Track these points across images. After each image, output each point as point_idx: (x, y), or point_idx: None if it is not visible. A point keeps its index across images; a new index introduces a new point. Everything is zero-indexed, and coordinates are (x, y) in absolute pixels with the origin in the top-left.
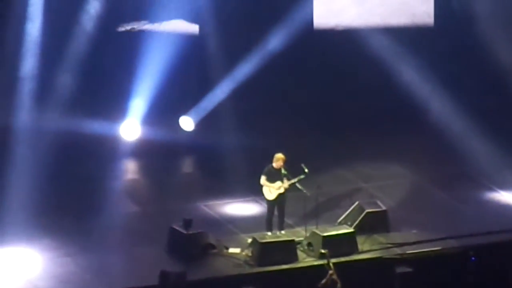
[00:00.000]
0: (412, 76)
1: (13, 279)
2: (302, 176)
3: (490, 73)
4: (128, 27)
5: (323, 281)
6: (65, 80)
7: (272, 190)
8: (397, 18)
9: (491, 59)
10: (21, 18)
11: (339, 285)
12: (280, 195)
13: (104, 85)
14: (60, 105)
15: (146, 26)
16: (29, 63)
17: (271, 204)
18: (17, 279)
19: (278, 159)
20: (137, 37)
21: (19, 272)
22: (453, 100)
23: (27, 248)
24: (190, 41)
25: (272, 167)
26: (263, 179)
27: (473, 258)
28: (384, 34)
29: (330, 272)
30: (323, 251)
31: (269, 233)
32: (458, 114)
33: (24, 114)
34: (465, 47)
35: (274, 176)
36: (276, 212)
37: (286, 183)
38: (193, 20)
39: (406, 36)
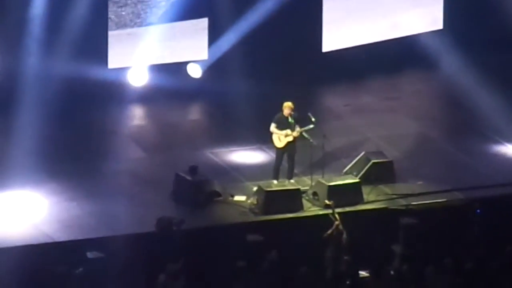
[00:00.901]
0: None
1: (19, 223)
2: (311, 126)
3: (501, 28)
4: None
5: (329, 231)
6: (73, 24)
7: (281, 137)
8: None
9: (502, 14)
10: None
11: (344, 235)
12: (289, 143)
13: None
14: (68, 50)
15: None
16: (37, 6)
17: (279, 152)
18: (22, 222)
19: (286, 107)
20: None
21: (24, 215)
22: (462, 53)
23: (33, 192)
24: None
25: (282, 115)
26: (272, 127)
27: (478, 211)
28: None
29: (336, 222)
30: (328, 202)
31: (275, 181)
32: (467, 67)
33: (32, 59)
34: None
35: (283, 124)
36: (285, 161)
37: (295, 132)
38: None
39: None
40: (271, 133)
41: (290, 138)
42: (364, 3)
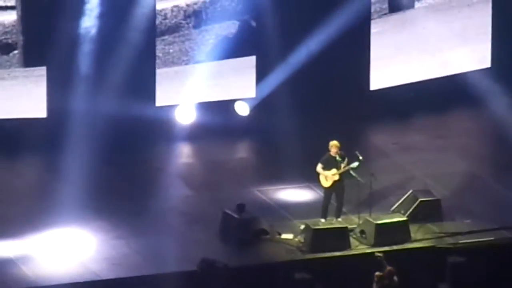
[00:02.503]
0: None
1: (66, 260)
2: (355, 164)
3: None
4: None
5: (380, 273)
6: (121, 62)
7: (327, 177)
8: None
9: None
10: (75, 12)
11: (395, 278)
12: (336, 182)
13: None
14: (116, 88)
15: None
16: (85, 44)
17: (327, 191)
18: (70, 260)
19: (332, 146)
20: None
21: (71, 253)
22: (510, 90)
23: (81, 230)
24: (246, 26)
25: (329, 155)
26: (319, 167)
27: None
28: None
29: (388, 268)
30: (379, 254)
31: (323, 220)
32: None
33: (80, 97)
34: None
35: (330, 164)
36: (334, 200)
37: (340, 170)
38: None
39: None
40: (318, 173)
41: (336, 177)
42: (412, 41)
